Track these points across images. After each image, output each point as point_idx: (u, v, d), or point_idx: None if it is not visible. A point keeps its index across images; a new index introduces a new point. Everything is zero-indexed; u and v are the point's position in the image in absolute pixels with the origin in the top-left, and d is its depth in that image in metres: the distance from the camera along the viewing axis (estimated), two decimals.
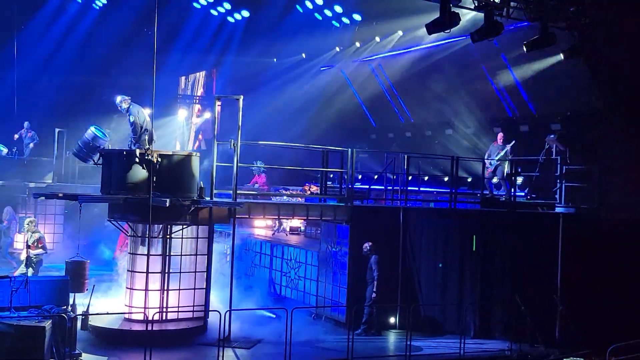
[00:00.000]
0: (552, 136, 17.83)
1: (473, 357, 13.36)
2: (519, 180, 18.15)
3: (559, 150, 17.40)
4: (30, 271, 15.65)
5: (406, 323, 13.72)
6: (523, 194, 18.38)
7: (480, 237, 15.42)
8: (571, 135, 18.23)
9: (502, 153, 17.75)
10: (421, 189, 20.12)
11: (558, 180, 17.19)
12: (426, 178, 21.97)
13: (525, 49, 15.69)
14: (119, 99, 14.93)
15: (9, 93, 26.11)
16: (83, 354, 12.05)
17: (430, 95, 23.52)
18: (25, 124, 24.09)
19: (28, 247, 15.91)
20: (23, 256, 16.11)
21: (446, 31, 14.88)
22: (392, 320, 15.32)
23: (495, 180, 18.23)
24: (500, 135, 18.31)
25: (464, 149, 22.55)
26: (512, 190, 17.09)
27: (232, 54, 28.06)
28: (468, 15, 16.63)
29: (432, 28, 14.79)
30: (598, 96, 16.91)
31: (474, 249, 15.40)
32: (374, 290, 14.73)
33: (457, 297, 15.38)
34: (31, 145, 24.00)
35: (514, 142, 17.93)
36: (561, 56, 16.28)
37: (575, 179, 16.94)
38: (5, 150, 23.52)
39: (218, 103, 15.28)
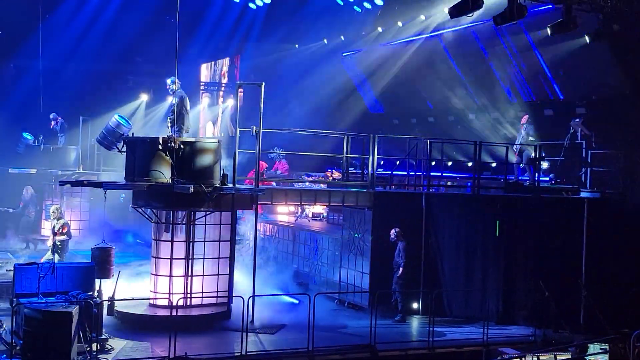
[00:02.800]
0: (577, 120, 17.63)
1: (497, 343, 13.30)
2: (544, 164, 17.97)
3: (584, 135, 17.21)
4: (56, 257, 15.93)
5: (429, 309, 13.71)
6: (548, 178, 18.21)
7: (504, 222, 15.32)
8: (596, 119, 18.01)
9: (522, 135, 17.59)
10: (444, 174, 20.03)
11: (583, 165, 17.01)
12: (449, 163, 21.87)
13: (549, 32, 15.48)
14: (169, 80, 14.85)
15: (34, 82, 26.39)
16: (109, 339, 12.22)
17: (452, 80, 23.33)
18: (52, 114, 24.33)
19: (54, 234, 16.19)
20: (49, 243, 16.39)
21: (469, 15, 14.73)
22: (415, 306, 15.32)
23: (522, 165, 18.09)
24: (524, 118, 18.13)
25: (488, 133, 22.37)
26: (537, 175, 16.93)
27: (254, 41, 28.07)
28: None
29: (455, 12, 14.65)
30: (623, 79, 16.66)
31: (497, 234, 15.32)
32: (398, 276, 14.75)
33: (481, 283, 15.32)
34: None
35: (530, 125, 17.77)
36: (586, 39, 16.05)
37: (600, 163, 16.75)
38: (31, 139, 23.83)
39: (240, 90, 15.29)
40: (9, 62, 27.97)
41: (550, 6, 15.96)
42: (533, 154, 17.48)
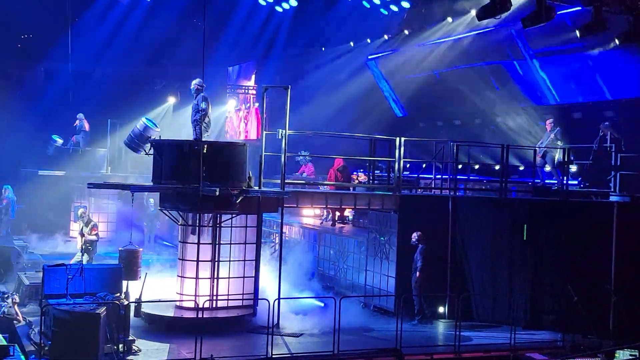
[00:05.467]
0: (606, 123, 17.43)
1: (524, 348, 13.19)
2: (573, 168, 17.77)
3: (613, 138, 16.99)
4: (85, 257, 16.13)
5: (455, 313, 13.63)
6: (576, 182, 18.01)
7: (532, 226, 15.17)
8: (626, 122, 17.77)
9: (548, 139, 17.46)
10: (471, 177, 19.90)
11: (612, 169, 16.80)
12: (476, 166, 21.71)
13: (578, 35, 15.31)
14: (195, 81, 14.82)
15: (64, 84, 26.73)
16: (136, 340, 12.31)
17: (479, 83, 23.17)
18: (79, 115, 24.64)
19: (82, 235, 16.41)
20: (79, 244, 16.60)
21: (497, 17, 14.62)
22: (441, 309, 15.23)
23: (547, 168, 17.93)
24: (548, 122, 17.97)
25: (515, 136, 22.16)
26: (564, 178, 16.76)
27: (281, 44, 28.13)
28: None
29: (482, 14, 14.56)
30: None
31: (524, 238, 15.18)
32: (416, 280, 14.70)
33: (508, 287, 15.19)
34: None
35: (557, 129, 17.60)
36: (616, 41, 15.84)
37: (630, 167, 16.53)
38: (60, 141, 24.13)
39: (265, 92, 15.30)
40: (39, 66, 28.36)
41: (578, 7, 15.80)
42: (557, 157, 17.30)
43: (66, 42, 26.03)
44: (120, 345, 11.76)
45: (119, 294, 12.81)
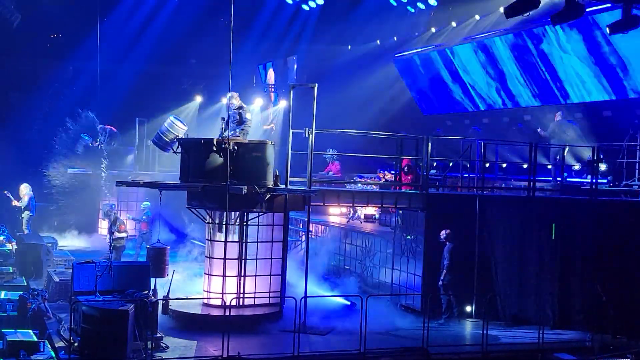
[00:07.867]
0: (637, 121, 17.21)
1: (552, 348, 13.07)
2: (602, 167, 17.56)
3: None
4: (113, 255, 16.27)
5: (483, 312, 13.54)
6: (605, 181, 17.80)
7: (560, 225, 15.03)
8: None
9: (551, 128, 17.29)
10: (498, 176, 19.76)
11: None
12: (504, 165, 21.56)
13: (608, 32, 15.13)
14: (229, 95, 14.79)
15: (91, 83, 26.99)
16: (164, 337, 12.40)
17: (506, 80, 22.99)
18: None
19: (111, 233, 16.57)
20: (107, 242, 16.78)
21: (525, 14, 14.50)
22: (468, 309, 15.14)
23: (577, 167, 17.75)
24: (557, 114, 17.76)
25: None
26: (594, 177, 16.56)
27: (307, 42, 28.15)
28: None
29: (510, 11, 14.43)
30: None
31: (553, 237, 15.04)
32: (441, 278, 14.64)
33: (536, 287, 15.06)
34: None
35: (564, 120, 17.39)
36: None
37: None
38: (89, 140, 24.33)
39: (292, 90, 15.30)
40: (67, 64, 28.68)
41: (608, 5, 15.61)
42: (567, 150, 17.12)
43: (94, 41, 26.27)
44: (148, 342, 11.84)
45: (147, 291, 12.90)
